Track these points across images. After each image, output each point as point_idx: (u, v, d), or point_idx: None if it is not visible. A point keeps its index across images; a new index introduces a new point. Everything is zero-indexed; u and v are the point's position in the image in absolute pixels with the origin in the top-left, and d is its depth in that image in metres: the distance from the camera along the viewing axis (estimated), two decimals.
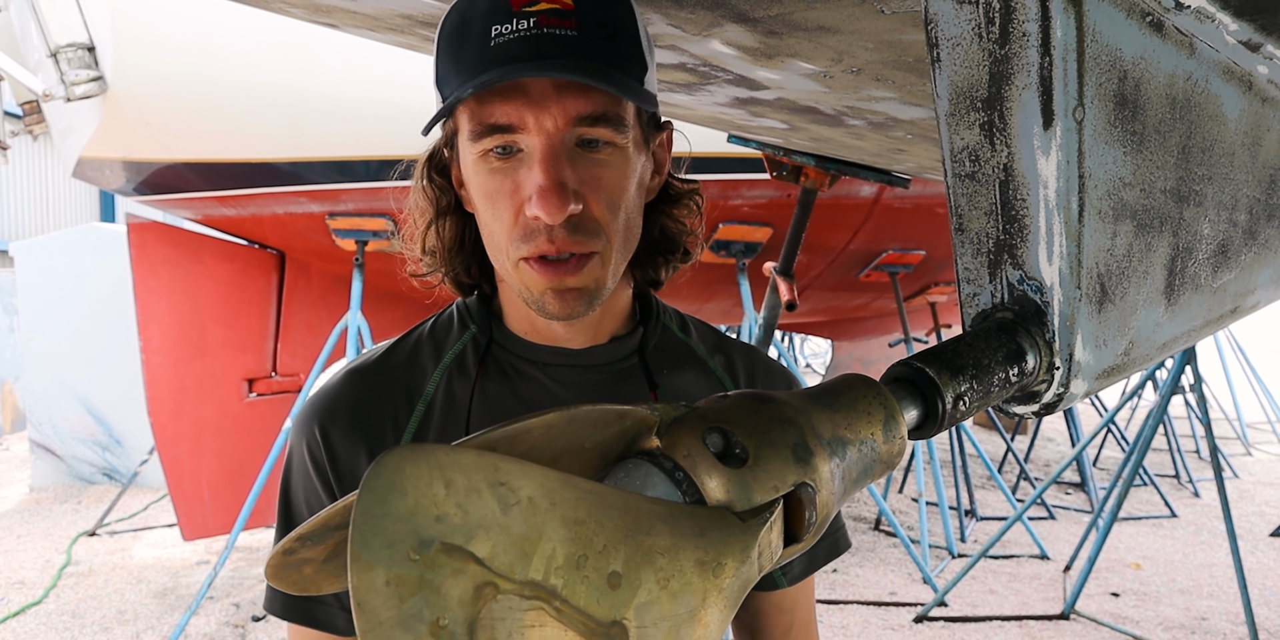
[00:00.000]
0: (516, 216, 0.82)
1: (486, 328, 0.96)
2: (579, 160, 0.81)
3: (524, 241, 0.82)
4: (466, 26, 0.80)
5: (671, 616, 0.44)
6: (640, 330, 0.98)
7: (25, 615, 4.29)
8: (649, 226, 0.93)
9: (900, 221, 4.94)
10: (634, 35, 0.84)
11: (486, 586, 0.39)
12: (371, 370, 0.95)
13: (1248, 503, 6.67)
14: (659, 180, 0.94)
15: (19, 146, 14.02)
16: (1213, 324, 0.89)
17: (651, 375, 0.96)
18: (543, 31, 0.77)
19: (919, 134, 1.86)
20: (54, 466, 6.70)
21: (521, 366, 0.95)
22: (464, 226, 0.94)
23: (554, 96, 0.79)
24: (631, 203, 0.86)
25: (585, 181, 0.81)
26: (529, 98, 0.79)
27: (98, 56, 4.03)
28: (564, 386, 0.94)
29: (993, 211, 0.67)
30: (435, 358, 0.96)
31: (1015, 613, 4.39)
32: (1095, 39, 0.63)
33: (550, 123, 0.79)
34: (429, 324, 1.01)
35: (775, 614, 1.04)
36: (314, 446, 0.91)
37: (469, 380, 0.93)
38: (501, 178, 0.82)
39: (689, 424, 0.51)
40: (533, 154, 0.80)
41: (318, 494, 0.92)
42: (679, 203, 0.97)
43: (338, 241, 4.47)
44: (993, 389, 0.64)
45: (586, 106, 0.79)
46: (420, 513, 0.38)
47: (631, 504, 0.45)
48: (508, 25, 0.77)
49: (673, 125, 0.96)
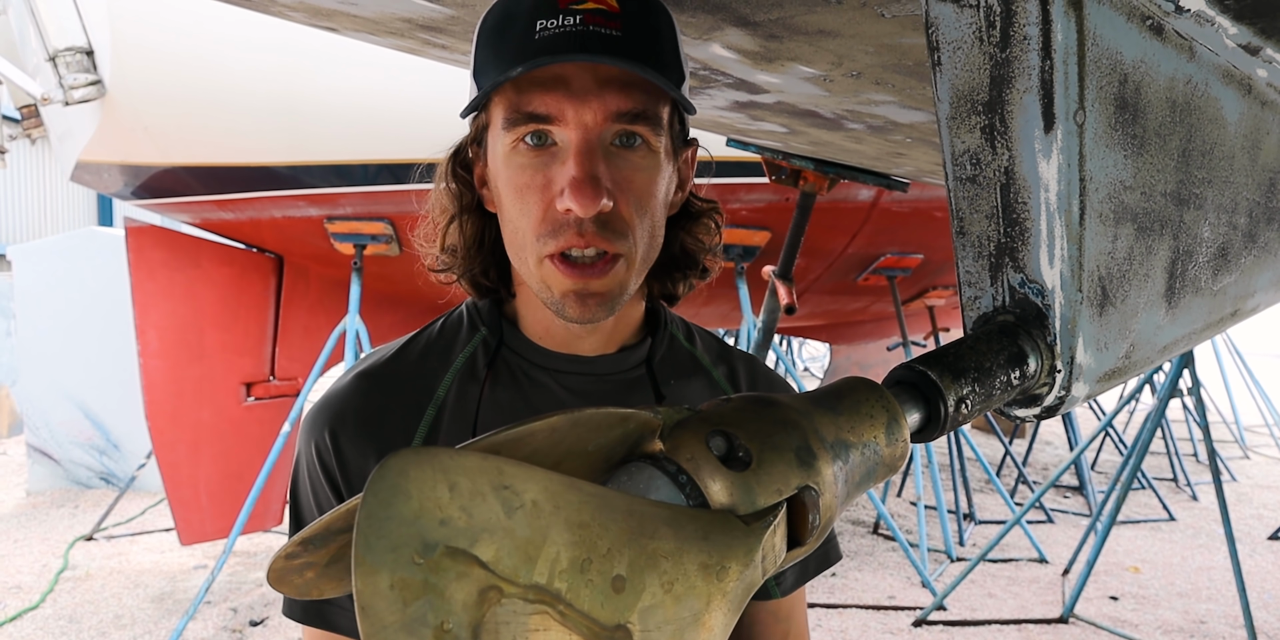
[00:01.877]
0: (545, 212, 0.82)
1: (497, 330, 0.95)
2: (613, 159, 0.81)
3: (551, 237, 0.81)
4: (510, 21, 0.80)
5: (676, 620, 0.44)
6: (649, 341, 0.98)
7: (22, 620, 4.27)
8: (669, 242, 0.93)
9: (898, 225, 4.94)
10: (674, 45, 0.85)
11: (491, 590, 0.39)
12: (381, 373, 0.94)
13: (1246, 506, 6.67)
14: (681, 196, 0.94)
15: (17, 150, 14.01)
16: (1213, 327, 0.89)
17: (659, 385, 0.96)
18: (588, 29, 0.78)
19: (918, 137, 1.86)
20: (51, 471, 6.68)
21: (533, 372, 0.94)
22: (484, 226, 0.93)
23: (595, 91, 0.79)
24: (658, 210, 0.86)
25: (617, 181, 0.81)
26: (570, 90, 0.79)
27: (96, 60, 4.03)
28: (574, 394, 0.94)
29: (994, 215, 0.67)
30: (446, 360, 0.95)
31: (1014, 616, 4.39)
32: (1096, 42, 0.63)
33: (590, 116, 0.79)
34: (438, 325, 1.00)
35: (772, 622, 1.04)
36: (323, 451, 0.91)
37: (479, 384, 0.93)
38: (533, 173, 0.82)
39: (692, 427, 0.51)
40: (567, 148, 0.80)
41: (327, 497, 0.91)
42: (699, 221, 0.97)
43: (336, 245, 4.47)
44: (994, 392, 0.64)
45: (626, 103, 0.80)
46: (424, 516, 0.38)
47: (635, 507, 0.45)
48: (553, 20, 0.78)
49: (698, 142, 0.96)
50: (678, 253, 0.96)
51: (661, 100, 0.83)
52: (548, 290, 0.84)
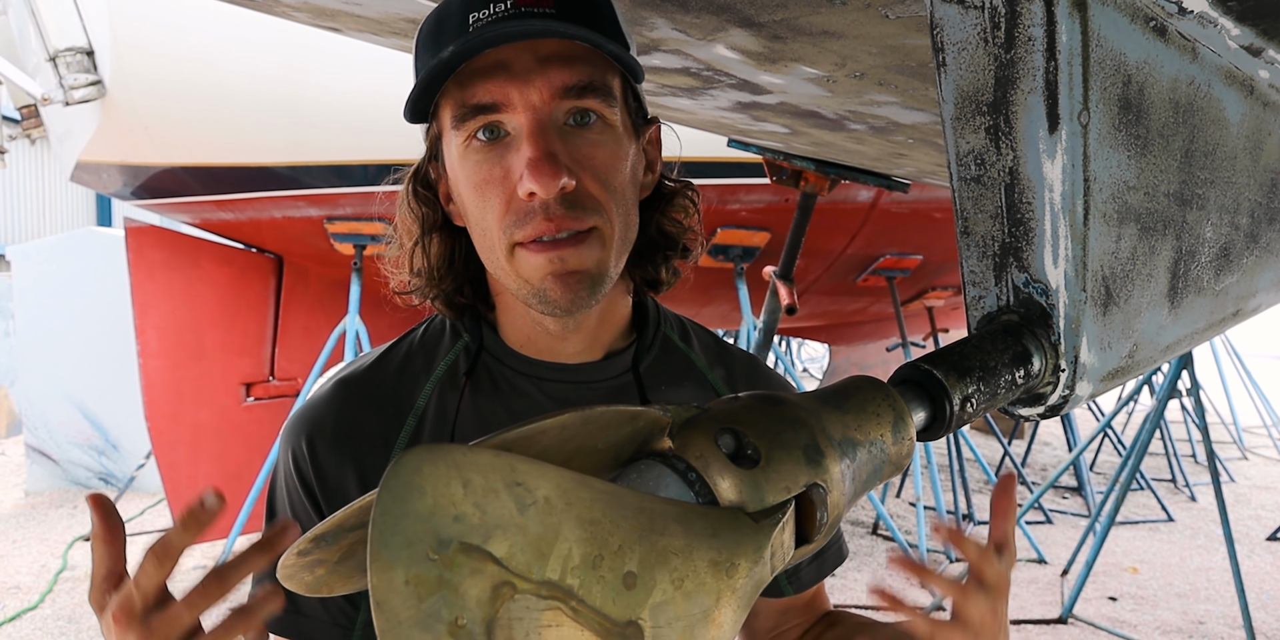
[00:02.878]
0: (509, 203, 0.79)
1: (478, 336, 0.92)
2: (569, 137, 0.79)
3: (518, 226, 0.79)
4: (444, 20, 0.80)
5: (686, 616, 0.44)
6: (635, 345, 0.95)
7: (21, 620, 4.27)
8: (645, 225, 0.90)
9: (898, 226, 4.95)
10: (613, 18, 0.83)
11: (504, 586, 0.39)
12: (361, 381, 0.92)
13: (1244, 507, 6.68)
14: (652, 177, 0.91)
15: (17, 150, 14.00)
16: (1215, 327, 0.89)
17: (645, 392, 0.93)
18: (520, 10, 0.77)
19: (920, 138, 1.87)
20: (50, 471, 6.68)
21: (515, 380, 0.91)
22: (453, 244, 0.90)
23: (537, 69, 0.77)
24: (628, 189, 0.83)
25: (577, 159, 0.79)
26: (511, 73, 0.77)
27: (96, 61, 4.03)
28: (557, 402, 0.91)
29: (998, 215, 0.67)
30: (427, 369, 0.93)
31: (1013, 617, 4.39)
32: (1100, 43, 0.64)
33: (535, 96, 0.77)
34: (419, 331, 0.97)
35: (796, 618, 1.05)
36: (300, 460, 0.89)
37: (459, 392, 0.91)
38: (490, 166, 0.79)
39: (701, 425, 0.52)
40: (520, 134, 0.78)
41: (304, 506, 0.89)
42: (673, 202, 0.94)
43: (335, 245, 4.47)
44: (999, 391, 0.64)
45: (571, 76, 0.77)
46: (439, 512, 0.38)
47: (646, 504, 0.45)
48: (485, 10, 0.77)
49: (660, 121, 0.94)
50: (655, 235, 0.92)
51: (609, 71, 0.81)
52: (525, 283, 0.81)
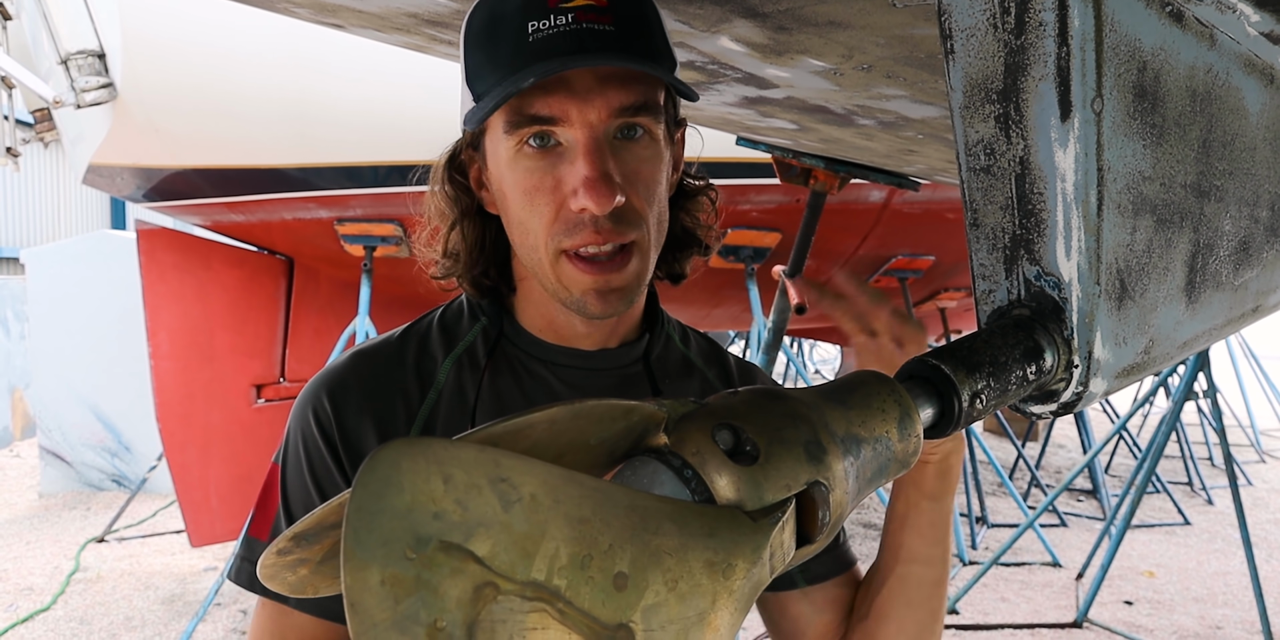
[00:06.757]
0: (558, 212, 0.82)
1: (497, 320, 0.96)
2: (618, 152, 0.82)
3: (566, 235, 0.82)
4: (500, 22, 0.80)
5: (680, 619, 0.42)
6: (647, 336, 0.99)
7: (34, 621, 4.28)
8: (670, 223, 0.94)
9: (910, 226, 4.91)
10: (662, 30, 0.85)
11: (486, 587, 0.37)
12: (381, 353, 0.95)
13: (1262, 510, 6.61)
14: (676, 176, 0.95)
15: (30, 154, 14.08)
16: (1234, 323, 0.87)
17: (656, 381, 0.97)
18: (582, 27, 0.78)
19: (930, 133, 1.84)
20: (63, 473, 6.71)
21: (530, 364, 0.95)
22: (484, 229, 0.94)
23: (597, 89, 0.79)
24: (662, 195, 0.88)
25: (626, 175, 0.82)
26: (572, 91, 0.79)
27: (108, 63, 4.04)
28: (571, 387, 0.94)
29: (1009, 206, 0.65)
30: (446, 347, 0.96)
31: (1027, 621, 4.35)
32: (1114, 28, 0.61)
33: (594, 115, 0.80)
34: (438, 313, 1.01)
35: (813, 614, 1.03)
36: (321, 414, 0.89)
37: (478, 372, 0.94)
38: (541, 175, 0.82)
39: (698, 420, 0.50)
40: (574, 147, 0.81)
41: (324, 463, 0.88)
42: (694, 199, 0.98)
43: (346, 247, 4.47)
44: (1010, 387, 0.62)
45: (629, 97, 0.80)
46: (417, 509, 0.36)
47: (638, 502, 0.43)
48: (545, 21, 0.78)
49: (687, 121, 0.97)
50: (679, 232, 0.97)
51: (658, 87, 0.84)
52: (565, 290, 0.85)
